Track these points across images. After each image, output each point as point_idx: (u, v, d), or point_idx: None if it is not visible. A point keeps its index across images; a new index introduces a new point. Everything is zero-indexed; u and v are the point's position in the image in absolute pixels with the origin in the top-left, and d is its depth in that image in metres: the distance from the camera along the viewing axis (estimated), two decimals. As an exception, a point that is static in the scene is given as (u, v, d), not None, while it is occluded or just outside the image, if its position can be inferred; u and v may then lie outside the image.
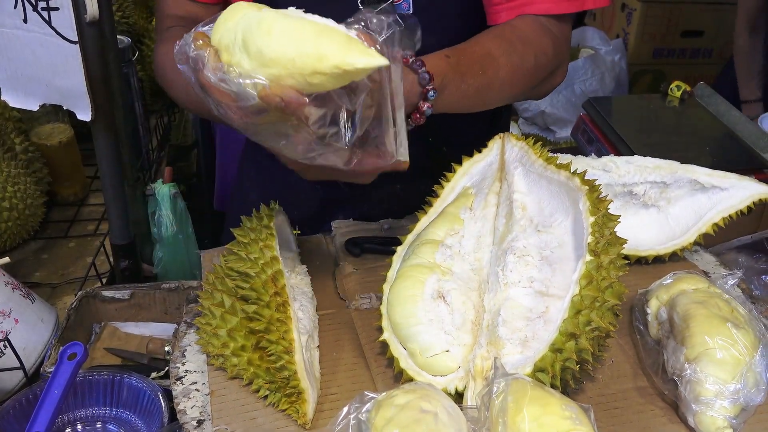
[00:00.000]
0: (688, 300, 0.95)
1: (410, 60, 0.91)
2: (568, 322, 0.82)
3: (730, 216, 1.16)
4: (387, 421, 0.59)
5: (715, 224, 1.16)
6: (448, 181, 1.06)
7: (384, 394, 0.64)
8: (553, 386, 0.81)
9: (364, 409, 0.62)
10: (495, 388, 0.65)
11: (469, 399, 0.84)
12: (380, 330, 0.95)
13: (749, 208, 1.16)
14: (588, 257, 0.84)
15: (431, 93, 0.92)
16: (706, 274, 1.18)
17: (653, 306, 1.01)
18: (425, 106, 0.93)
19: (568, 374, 0.83)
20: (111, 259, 1.59)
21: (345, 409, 0.64)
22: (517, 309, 0.90)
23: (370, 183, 0.93)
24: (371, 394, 0.64)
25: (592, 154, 1.29)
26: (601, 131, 1.97)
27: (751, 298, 1.11)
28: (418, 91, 0.92)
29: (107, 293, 1.38)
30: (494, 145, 1.05)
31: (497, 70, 1.05)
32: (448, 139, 1.28)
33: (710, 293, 0.96)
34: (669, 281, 1.02)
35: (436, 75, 0.93)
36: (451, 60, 0.99)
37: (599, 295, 0.83)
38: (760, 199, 1.16)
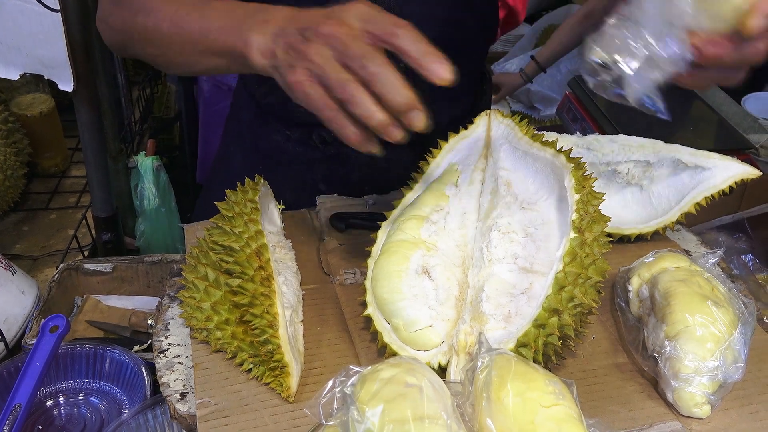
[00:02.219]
0: (670, 278, 0.96)
1: None
2: (551, 298, 0.82)
3: (712, 195, 1.16)
4: (372, 395, 0.59)
5: (698, 203, 1.17)
6: (434, 157, 1.06)
7: (369, 368, 0.64)
8: (535, 361, 0.82)
9: (349, 382, 0.63)
10: (479, 363, 0.66)
11: (452, 373, 0.85)
12: (364, 305, 0.95)
13: (731, 188, 1.17)
14: (572, 234, 0.85)
15: None
16: (687, 252, 1.19)
17: (635, 284, 1.02)
18: None
19: (550, 350, 0.84)
20: (93, 232, 1.58)
21: (330, 383, 0.64)
22: (501, 285, 0.90)
23: (350, 149, 0.90)
24: (356, 368, 0.64)
25: (577, 132, 1.29)
26: (586, 110, 1.97)
27: (731, 277, 1.12)
28: None
29: (89, 266, 1.38)
30: (480, 121, 1.05)
31: None
32: (434, 111, 1.28)
33: (691, 271, 0.97)
34: (651, 259, 1.03)
35: None
36: None
37: (582, 272, 0.83)
38: (742, 179, 1.17)
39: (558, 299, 0.82)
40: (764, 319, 1.08)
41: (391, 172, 1.28)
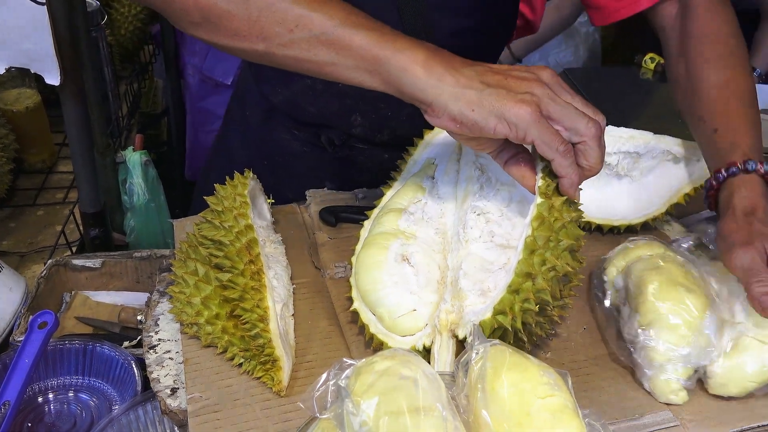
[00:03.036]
0: (643, 266, 0.97)
1: None
2: (522, 262, 0.81)
3: (701, 186, 1.17)
4: (367, 387, 0.59)
5: (687, 194, 1.17)
6: (410, 154, 1.08)
7: (363, 360, 0.64)
8: (515, 331, 0.81)
9: (344, 375, 0.62)
10: (474, 355, 0.66)
11: (436, 352, 0.84)
12: (351, 300, 0.95)
13: (721, 178, 1.18)
14: (539, 200, 0.83)
15: None
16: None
17: (610, 273, 1.03)
18: None
19: (529, 317, 0.82)
20: (81, 228, 1.57)
21: (324, 376, 0.64)
22: (479, 262, 0.90)
23: (359, 152, 0.90)
24: (350, 361, 0.64)
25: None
26: (575, 102, 1.97)
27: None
28: None
29: (78, 262, 1.37)
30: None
31: None
32: None
33: (665, 258, 0.97)
34: (626, 248, 1.03)
35: None
36: None
37: (552, 235, 0.82)
38: (731, 170, 1.17)
39: (530, 263, 0.81)
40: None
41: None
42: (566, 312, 0.99)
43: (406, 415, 0.57)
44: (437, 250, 0.96)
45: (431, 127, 1.01)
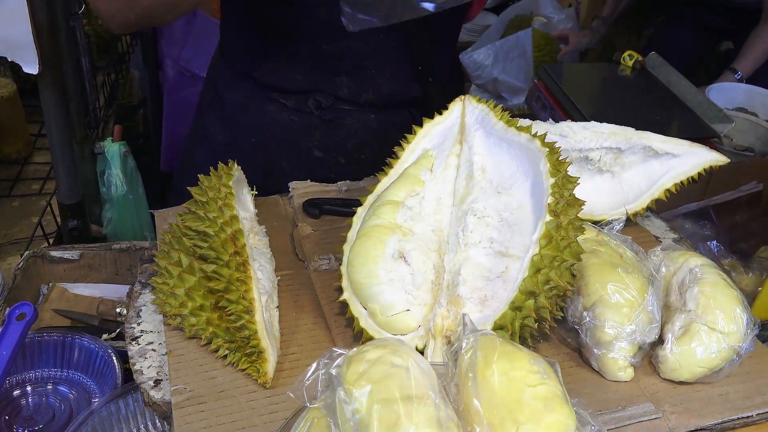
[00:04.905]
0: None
1: None
2: (528, 280, 0.83)
3: (681, 182, 1.18)
4: (359, 376, 0.59)
5: (668, 190, 1.19)
6: (408, 143, 1.06)
7: (355, 349, 0.64)
8: None
9: (335, 364, 0.62)
10: (464, 344, 0.66)
11: (429, 357, 0.85)
12: (340, 290, 0.95)
13: (700, 174, 1.19)
14: (548, 217, 0.85)
15: None
16: (657, 238, 1.21)
17: None
18: None
19: (526, 332, 0.85)
20: (58, 219, 1.54)
21: (314, 365, 0.63)
22: (477, 269, 0.91)
23: (346, 114, 0.92)
24: (340, 350, 0.64)
25: (550, 120, 1.30)
26: (555, 99, 1.99)
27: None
28: None
29: (56, 253, 1.35)
30: (455, 107, 1.05)
31: None
32: (432, 70, 1.34)
33: (599, 241, 1.00)
34: None
35: None
36: None
37: (558, 255, 0.84)
38: (711, 166, 1.19)
39: (534, 282, 0.83)
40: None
41: (386, 136, 1.30)
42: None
43: (399, 403, 0.57)
44: (433, 249, 0.96)
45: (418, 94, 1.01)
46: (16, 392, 1.12)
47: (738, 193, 1.69)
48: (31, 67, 1.24)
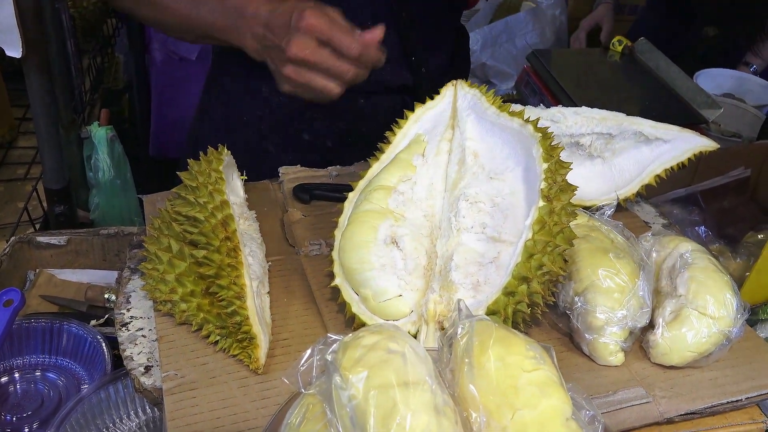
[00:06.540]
0: None
1: None
2: (521, 266, 0.83)
3: (671, 168, 1.18)
4: (355, 362, 0.59)
5: (657, 175, 1.19)
6: (400, 127, 1.06)
7: (350, 335, 0.64)
8: None
9: (330, 350, 0.62)
10: (459, 329, 0.66)
11: (422, 342, 0.85)
12: (331, 276, 0.94)
13: (690, 160, 1.19)
14: (541, 203, 0.85)
15: None
16: (646, 224, 1.21)
17: None
18: None
19: (519, 317, 0.85)
20: (44, 205, 1.53)
21: (308, 351, 0.63)
22: (470, 254, 0.91)
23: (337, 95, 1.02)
24: (335, 336, 0.64)
25: (541, 105, 1.30)
26: (545, 84, 1.98)
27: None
28: None
29: (42, 239, 1.33)
30: (447, 92, 1.05)
31: None
32: (426, 60, 1.35)
33: (590, 227, 1.00)
34: None
35: None
36: None
37: (551, 240, 0.84)
38: (701, 152, 1.19)
39: (527, 267, 0.83)
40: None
41: (375, 118, 1.30)
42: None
43: (395, 389, 0.57)
44: (425, 234, 0.96)
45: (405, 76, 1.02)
46: (4, 379, 1.11)
47: (726, 179, 1.69)
48: (14, 51, 1.22)
